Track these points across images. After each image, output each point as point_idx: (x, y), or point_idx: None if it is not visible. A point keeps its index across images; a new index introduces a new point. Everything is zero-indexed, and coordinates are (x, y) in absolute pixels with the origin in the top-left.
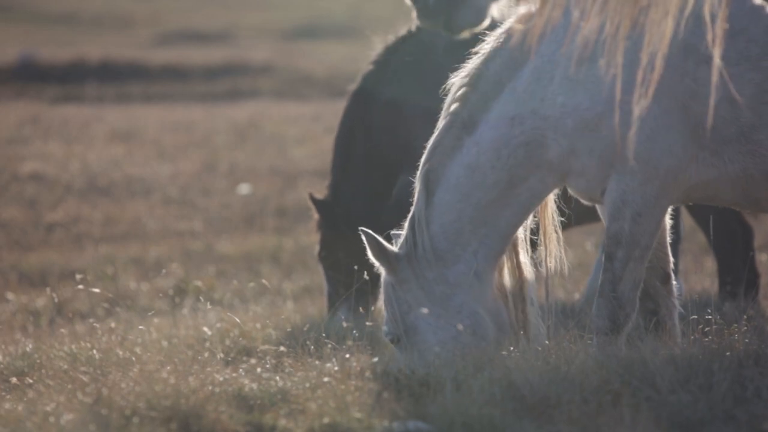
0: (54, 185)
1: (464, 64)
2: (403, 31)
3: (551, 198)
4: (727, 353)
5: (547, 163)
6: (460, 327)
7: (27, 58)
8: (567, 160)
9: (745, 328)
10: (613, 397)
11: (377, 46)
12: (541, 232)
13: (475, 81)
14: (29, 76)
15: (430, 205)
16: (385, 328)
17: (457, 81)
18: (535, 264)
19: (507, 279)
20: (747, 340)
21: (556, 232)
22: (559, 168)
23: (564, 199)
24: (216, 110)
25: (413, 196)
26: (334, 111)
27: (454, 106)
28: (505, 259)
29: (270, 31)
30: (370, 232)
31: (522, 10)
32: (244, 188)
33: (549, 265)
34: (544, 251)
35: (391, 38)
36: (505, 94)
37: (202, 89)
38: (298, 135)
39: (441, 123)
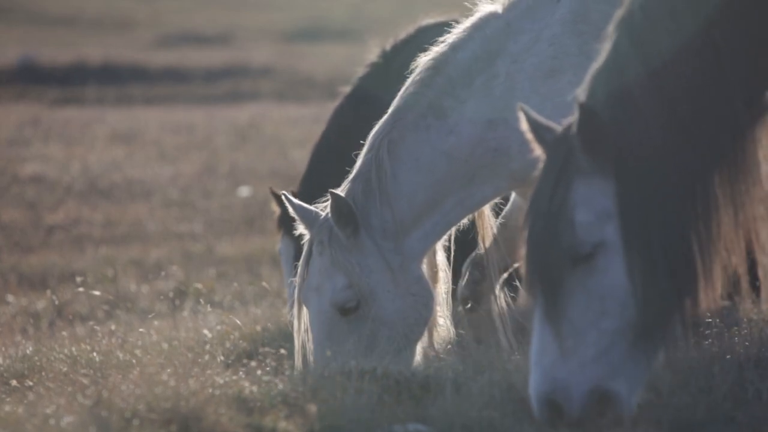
0: (54, 187)
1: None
2: (402, 33)
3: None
4: (728, 356)
5: (509, 172)
6: (414, 294)
7: (27, 60)
8: (527, 172)
9: (746, 331)
10: None
11: (374, 49)
12: (480, 235)
13: (441, 65)
14: (30, 78)
15: (396, 180)
16: (343, 294)
17: (422, 62)
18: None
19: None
20: (747, 343)
21: (492, 230)
22: (520, 178)
23: None
24: (216, 112)
25: (367, 163)
26: None
27: (416, 86)
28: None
29: (270, 32)
30: (339, 193)
31: (488, 6)
32: (244, 190)
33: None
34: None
35: (390, 41)
36: (480, 92)
37: (203, 91)
38: (299, 137)
39: (402, 100)
